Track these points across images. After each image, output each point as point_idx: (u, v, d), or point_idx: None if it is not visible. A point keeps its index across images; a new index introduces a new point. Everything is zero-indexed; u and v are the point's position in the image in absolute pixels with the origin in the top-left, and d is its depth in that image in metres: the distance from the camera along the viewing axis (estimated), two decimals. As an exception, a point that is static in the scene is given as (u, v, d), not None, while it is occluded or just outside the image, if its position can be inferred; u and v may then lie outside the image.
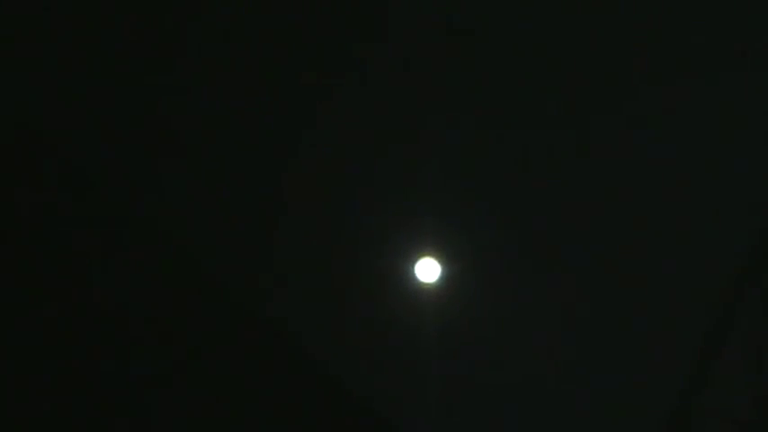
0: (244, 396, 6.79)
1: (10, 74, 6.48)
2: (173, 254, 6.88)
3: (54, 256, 6.76)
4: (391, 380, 6.90)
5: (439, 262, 6.80)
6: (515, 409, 6.92)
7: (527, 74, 6.63)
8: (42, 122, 6.64)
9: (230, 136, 6.72)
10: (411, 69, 6.61)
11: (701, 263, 6.79)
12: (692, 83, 6.54)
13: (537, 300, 6.85)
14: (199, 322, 6.84)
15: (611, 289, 6.85)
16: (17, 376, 6.46)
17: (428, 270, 6.80)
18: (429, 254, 6.79)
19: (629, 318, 6.89)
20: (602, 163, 6.70)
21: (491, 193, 6.78)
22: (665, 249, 6.81)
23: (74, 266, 6.79)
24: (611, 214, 6.76)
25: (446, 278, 6.80)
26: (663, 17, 6.53)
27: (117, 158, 6.73)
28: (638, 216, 6.77)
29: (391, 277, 6.81)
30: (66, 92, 6.62)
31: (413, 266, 6.80)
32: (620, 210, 6.75)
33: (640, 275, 6.85)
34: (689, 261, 6.81)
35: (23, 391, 6.46)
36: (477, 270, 6.82)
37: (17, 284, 6.58)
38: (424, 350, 6.86)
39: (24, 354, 6.56)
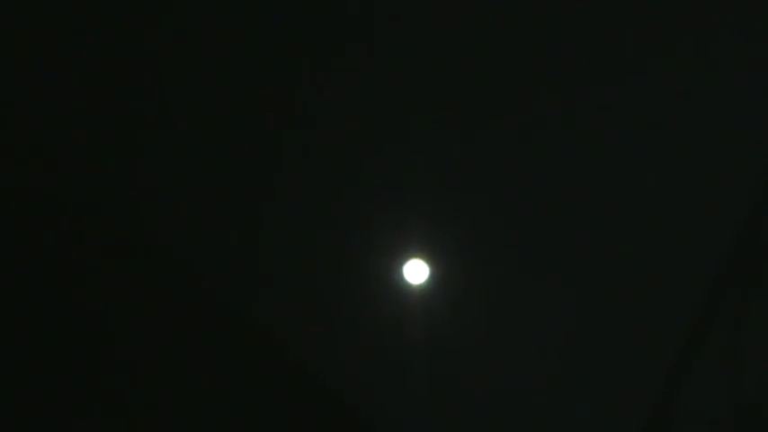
0: (228, 398, 6.73)
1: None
2: (157, 255, 6.80)
3: (39, 259, 6.67)
4: (378, 381, 6.87)
5: (427, 263, 6.76)
6: (502, 410, 6.92)
7: (516, 73, 6.60)
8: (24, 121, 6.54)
9: (216, 137, 6.64)
10: (399, 70, 6.55)
11: (681, 264, 6.82)
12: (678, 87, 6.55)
13: (525, 301, 6.85)
14: (183, 324, 6.77)
15: (596, 290, 6.86)
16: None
17: (416, 271, 6.77)
18: (417, 255, 6.75)
19: (612, 318, 6.91)
20: (592, 164, 6.69)
21: (480, 194, 6.75)
22: (647, 251, 6.83)
23: (58, 268, 6.71)
24: (598, 216, 6.76)
25: (434, 279, 6.76)
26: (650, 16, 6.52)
27: (103, 158, 6.64)
28: (624, 218, 6.78)
29: (379, 278, 6.77)
30: (48, 89, 6.52)
31: (401, 268, 6.76)
32: (608, 212, 6.75)
33: (625, 276, 6.87)
34: (670, 262, 6.83)
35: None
36: (466, 272, 6.80)
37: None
38: (412, 352, 6.83)
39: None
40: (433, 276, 6.76)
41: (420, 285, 6.78)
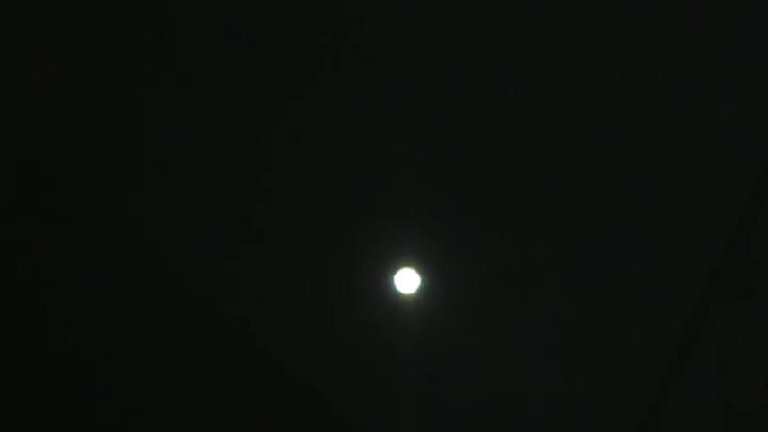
0: (219, 408, 6.73)
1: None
2: (146, 260, 6.80)
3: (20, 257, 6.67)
4: (369, 391, 6.87)
5: (418, 273, 6.78)
6: (492, 417, 6.92)
7: (508, 81, 6.62)
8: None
9: (207, 143, 6.65)
10: (392, 78, 6.57)
11: (671, 268, 6.83)
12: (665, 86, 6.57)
13: (515, 309, 6.86)
14: (174, 333, 6.77)
15: (587, 298, 6.87)
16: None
17: (407, 281, 6.78)
18: (408, 264, 6.77)
19: (603, 326, 6.93)
20: (585, 172, 6.71)
21: (471, 203, 6.77)
22: (640, 258, 6.85)
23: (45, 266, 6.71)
24: (590, 225, 6.78)
25: (425, 289, 6.78)
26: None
27: (89, 160, 6.64)
28: (616, 228, 6.80)
29: (370, 288, 6.78)
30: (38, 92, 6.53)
31: (392, 277, 6.77)
32: (600, 220, 6.77)
33: (616, 284, 6.88)
34: (663, 269, 6.85)
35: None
36: (457, 281, 6.81)
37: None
38: (403, 361, 6.84)
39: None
40: (424, 286, 6.78)
41: (411, 294, 6.79)
